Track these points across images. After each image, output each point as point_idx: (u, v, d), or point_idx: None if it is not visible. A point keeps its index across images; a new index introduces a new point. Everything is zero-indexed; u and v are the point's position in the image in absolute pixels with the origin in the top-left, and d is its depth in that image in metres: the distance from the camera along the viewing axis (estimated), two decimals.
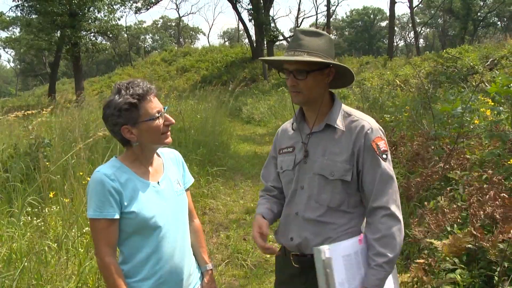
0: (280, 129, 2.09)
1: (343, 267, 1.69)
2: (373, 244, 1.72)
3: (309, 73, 1.74)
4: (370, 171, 1.75)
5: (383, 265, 1.69)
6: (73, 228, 4.06)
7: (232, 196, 6.75)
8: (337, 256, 1.68)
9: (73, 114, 7.86)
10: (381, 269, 1.69)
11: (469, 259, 3.04)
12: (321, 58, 1.73)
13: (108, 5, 27.35)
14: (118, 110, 1.72)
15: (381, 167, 1.74)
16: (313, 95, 1.80)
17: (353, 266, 1.72)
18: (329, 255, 1.66)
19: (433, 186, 4.16)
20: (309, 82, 1.76)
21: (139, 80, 1.78)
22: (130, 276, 1.79)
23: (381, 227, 1.71)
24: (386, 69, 20.03)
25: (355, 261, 1.73)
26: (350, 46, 64.73)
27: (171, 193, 1.89)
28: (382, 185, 1.74)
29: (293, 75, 1.77)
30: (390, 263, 1.70)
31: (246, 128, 14.67)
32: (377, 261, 1.70)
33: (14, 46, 35.61)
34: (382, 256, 1.69)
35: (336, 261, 1.67)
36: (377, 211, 1.73)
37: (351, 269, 1.71)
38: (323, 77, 1.78)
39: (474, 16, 41.52)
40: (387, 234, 1.70)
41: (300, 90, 1.78)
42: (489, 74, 9.61)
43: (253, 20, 26.74)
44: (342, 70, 1.82)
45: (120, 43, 51.47)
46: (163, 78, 31.23)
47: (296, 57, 1.73)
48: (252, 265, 4.36)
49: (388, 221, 1.72)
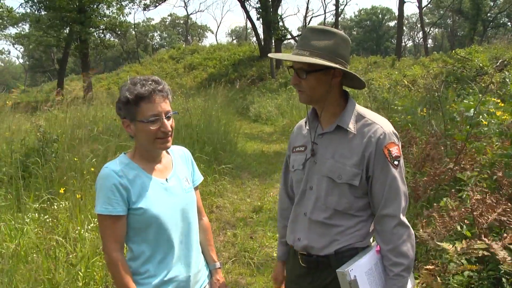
0: (296, 127, 2.07)
1: (367, 282, 1.69)
2: (387, 255, 1.73)
3: (309, 73, 1.71)
4: (380, 178, 1.72)
5: (401, 273, 1.71)
6: (82, 224, 4.07)
7: (239, 194, 6.75)
8: (361, 274, 1.68)
9: (81, 110, 7.89)
10: (400, 277, 1.71)
11: (478, 261, 3.02)
12: (323, 58, 1.68)
13: (117, 1, 27.43)
14: (121, 103, 1.75)
15: (392, 174, 1.71)
16: (315, 94, 1.76)
17: (375, 278, 1.73)
18: (354, 277, 1.65)
19: (442, 186, 4.13)
20: (310, 82, 1.73)
21: (154, 79, 1.77)
22: (137, 272, 1.79)
23: (393, 238, 1.71)
24: (394, 69, 19.95)
25: (376, 272, 1.74)
26: (358, 46, 64.51)
27: (180, 190, 1.88)
28: (392, 193, 1.71)
29: (296, 74, 1.75)
30: (408, 269, 1.72)
31: (254, 127, 14.67)
32: (394, 271, 1.71)
33: (23, 42, 35.81)
34: (399, 266, 1.70)
35: (360, 279, 1.67)
36: (386, 219, 1.72)
37: (374, 282, 1.72)
38: (327, 77, 1.74)
39: (483, 16, 41.18)
40: (400, 244, 1.71)
41: (303, 89, 1.76)
42: (498, 75, 9.52)
43: (261, 18, 26.63)
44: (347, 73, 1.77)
45: (128, 40, 51.62)
46: (170, 76, 31.27)
47: (297, 56, 1.70)
48: (259, 263, 4.36)
49: (399, 231, 1.71)
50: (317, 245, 1.81)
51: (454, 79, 10.77)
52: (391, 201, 1.71)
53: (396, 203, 1.71)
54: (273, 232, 5.11)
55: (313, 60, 1.66)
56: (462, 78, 10.40)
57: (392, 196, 1.71)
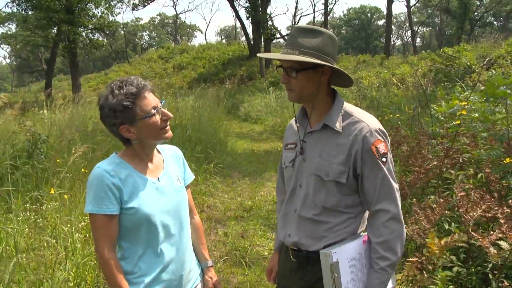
0: (289, 124, 2.09)
1: (348, 269, 1.71)
2: (376, 248, 1.74)
3: (299, 71, 1.73)
4: (370, 176, 1.74)
5: (386, 268, 1.72)
6: (72, 224, 4.06)
7: (229, 193, 6.76)
8: (343, 259, 1.70)
9: (70, 111, 7.85)
10: (384, 272, 1.73)
11: (466, 257, 3.06)
12: (312, 57, 1.70)
13: (106, 1, 27.23)
14: (114, 111, 1.71)
15: (382, 171, 1.73)
16: (305, 93, 1.78)
17: (357, 267, 1.75)
18: (336, 259, 1.68)
19: (432, 184, 4.18)
20: (300, 80, 1.74)
21: (132, 78, 1.76)
22: (130, 271, 1.80)
23: (384, 231, 1.73)
24: (383, 67, 20.05)
25: (359, 262, 1.75)
26: (347, 45, 64.77)
27: (171, 190, 1.89)
28: (384, 189, 1.73)
29: (285, 73, 1.77)
30: (393, 266, 1.74)
31: (243, 126, 14.68)
32: (380, 264, 1.73)
33: (10, 42, 35.42)
34: (385, 260, 1.72)
35: (342, 263, 1.69)
36: (380, 213, 1.74)
37: (355, 271, 1.74)
38: (317, 75, 1.76)
39: (471, 15, 41.56)
40: (390, 238, 1.72)
41: (292, 87, 1.77)
42: (486, 73, 9.63)
43: (251, 17, 26.66)
44: (336, 70, 1.79)
45: (117, 40, 51.31)
46: (159, 75, 31.17)
47: (287, 55, 1.72)
48: (250, 262, 4.37)
49: (391, 225, 1.73)
50: (307, 241, 1.84)
51: (442, 77, 10.87)
52: (383, 196, 1.73)
53: (389, 198, 1.73)
54: (264, 231, 5.13)
55: (303, 59, 1.68)
56: (450, 76, 10.50)
57: (384, 192, 1.73)
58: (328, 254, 1.68)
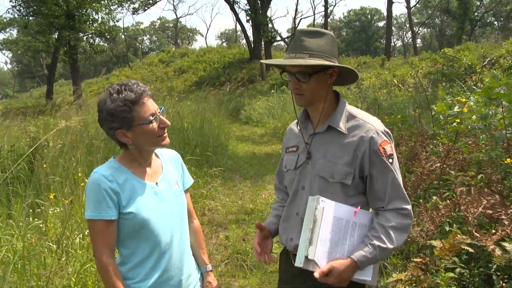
0: (288, 128, 2.08)
1: (330, 226, 1.68)
2: (377, 228, 1.71)
3: (312, 75, 1.72)
4: (379, 177, 1.74)
5: (378, 248, 1.67)
6: (73, 230, 4.05)
7: (231, 196, 6.74)
8: (329, 213, 1.67)
9: (72, 116, 7.84)
10: (373, 249, 1.67)
11: (469, 258, 3.04)
12: (323, 59, 1.70)
13: (106, 6, 27.29)
14: (111, 116, 1.70)
15: (391, 171, 1.73)
16: (316, 96, 1.77)
17: (340, 231, 1.70)
18: (322, 209, 1.65)
19: (433, 185, 4.16)
20: (312, 84, 1.74)
21: (132, 82, 1.75)
22: (128, 277, 1.79)
23: (393, 220, 1.71)
24: (384, 69, 20.06)
25: (344, 229, 1.71)
26: (348, 47, 64.79)
27: (170, 194, 1.88)
28: (395, 189, 1.74)
29: (295, 78, 1.75)
30: (384, 251, 1.69)
31: (244, 129, 14.67)
32: (374, 242, 1.68)
33: (11, 48, 35.59)
34: (381, 241, 1.68)
35: (326, 216, 1.66)
36: (394, 212, 1.73)
37: (337, 233, 1.69)
38: (326, 77, 1.76)
39: (471, 16, 41.51)
40: (395, 227, 1.70)
41: (303, 92, 1.76)
42: (487, 73, 9.62)
43: (251, 21, 26.69)
44: (345, 69, 1.79)
45: (118, 44, 51.44)
46: (160, 79, 31.21)
47: (298, 59, 1.70)
48: (252, 265, 4.35)
49: (403, 218, 1.72)
50: None
51: (443, 77, 10.86)
52: (396, 196, 1.74)
53: (401, 197, 1.74)
54: None
55: (317, 62, 1.68)
56: (451, 77, 10.49)
57: (396, 192, 1.74)
58: (315, 199, 1.66)
